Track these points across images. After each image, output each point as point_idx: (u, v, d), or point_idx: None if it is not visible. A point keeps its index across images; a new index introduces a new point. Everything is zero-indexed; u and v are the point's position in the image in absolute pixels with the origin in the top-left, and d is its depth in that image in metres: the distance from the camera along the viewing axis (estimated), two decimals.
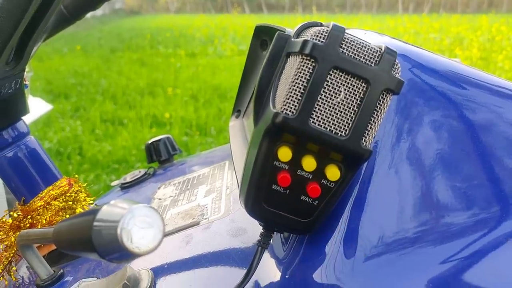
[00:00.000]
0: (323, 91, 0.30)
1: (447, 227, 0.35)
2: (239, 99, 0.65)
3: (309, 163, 0.32)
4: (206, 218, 0.51)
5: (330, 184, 0.33)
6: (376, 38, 0.49)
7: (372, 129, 0.32)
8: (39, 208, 0.53)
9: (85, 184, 0.59)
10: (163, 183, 0.70)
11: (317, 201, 0.34)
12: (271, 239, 0.37)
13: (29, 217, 0.53)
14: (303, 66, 0.30)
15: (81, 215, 0.29)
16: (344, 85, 0.31)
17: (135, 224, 0.25)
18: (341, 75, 0.31)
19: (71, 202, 0.55)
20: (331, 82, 0.31)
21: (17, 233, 0.50)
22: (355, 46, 0.31)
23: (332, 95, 0.31)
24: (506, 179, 0.38)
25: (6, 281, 0.52)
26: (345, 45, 0.31)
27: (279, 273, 0.38)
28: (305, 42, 0.30)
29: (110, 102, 4.07)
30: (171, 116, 3.58)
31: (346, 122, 0.31)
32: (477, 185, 0.37)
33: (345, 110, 0.31)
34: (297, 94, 0.30)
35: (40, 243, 0.50)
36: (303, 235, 0.38)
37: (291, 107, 0.30)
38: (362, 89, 0.31)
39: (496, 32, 8.70)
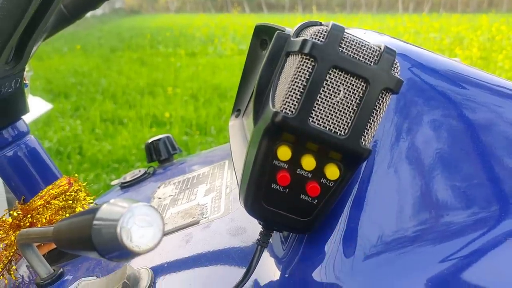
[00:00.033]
0: (323, 90, 0.31)
1: (447, 226, 0.35)
2: (239, 99, 0.65)
3: (309, 162, 0.32)
4: (206, 217, 0.51)
5: (330, 183, 0.33)
6: (376, 38, 0.49)
7: (372, 128, 0.32)
8: (39, 207, 0.53)
9: (85, 183, 0.59)
10: (163, 183, 0.70)
11: (317, 200, 0.34)
12: (271, 238, 0.37)
13: (29, 216, 0.53)
14: (303, 66, 0.30)
15: (81, 214, 0.29)
16: (344, 85, 0.31)
17: (135, 223, 0.25)
18: (341, 75, 0.31)
19: (71, 201, 0.55)
20: (331, 82, 0.31)
21: (17, 232, 0.50)
22: (355, 46, 0.31)
23: (332, 94, 0.31)
24: (506, 179, 0.38)
25: (6, 280, 0.52)
26: (345, 45, 0.31)
27: (279, 272, 0.38)
28: (305, 42, 0.30)
29: (110, 102, 4.07)
30: (171, 116, 3.58)
31: (346, 121, 0.31)
32: (477, 185, 0.37)
33: (345, 109, 0.31)
34: (297, 94, 0.30)
35: (40, 242, 0.50)
36: (303, 234, 0.38)
37: (291, 106, 0.30)
38: (362, 89, 0.31)
39: (496, 32, 8.70)
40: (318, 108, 0.31)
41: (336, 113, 0.31)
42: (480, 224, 0.36)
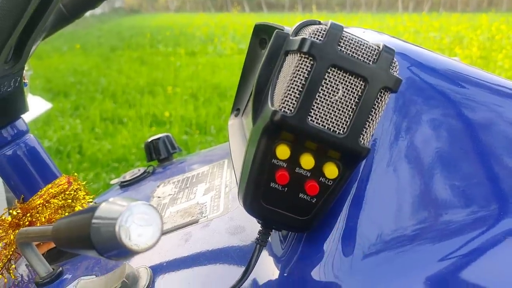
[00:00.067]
0: (321, 89, 0.31)
1: (445, 225, 0.35)
2: (238, 98, 0.65)
3: (307, 161, 0.32)
4: (205, 216, 0.51)
5: (328, 182, 0.33)
6: (375, 37, 0.49)
7: (370, 127, 0.32)
8: (38, 206, 0.53)
9: (84, 182, 0.59)
10: (162, 182, 0.70)
11: (315, 199, 0.34)
12: (270, 237, 0.37)
13: (28, 215, 0.53)
14: (301, 64, 0.30)
15: (80, 213, 0.29)
16: (342, 83, 0.31)
17: (134, 222, 0.25)
18: (339, 73, 0.31)
19: (70, 200, 0.55)
20: (329, 80, 0.31)
21: (17, 231, 0.50)
22: (353, 44, 0.31)
23: (330, 93, 0.31)
24: (505, 178, 0.38)
25: (6, 279, 0.52)
26: (343, 43, 0.31)
27: (278, 271, 0.38)
28: (303, 40, 0.30)
29: (110, 101, 4.06)
30: (171, 115, 3.58)
31: (344, 120, 0.31)
32: (476, 184, 0.37)
33: (343, 108, 0.31)
34: (295, 92, 0.30)
35: (39, 241, 0.50)
36: (302, 233, 0.38)
37: (289, 105, 0.30)
38: (360, 87, 0.31)
39: (496, 31, 8.69)
40: (317, 107, 0.31)
41: (335, 112, 0.31)
42: (479, 223, 0.36)
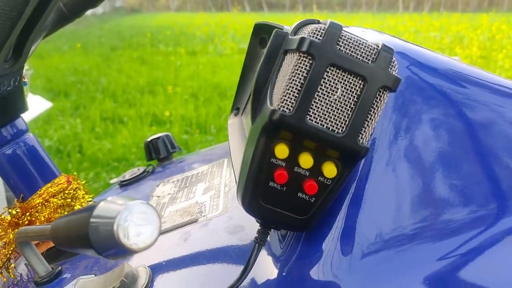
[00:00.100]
0: (320, 88, 0.30)
1: (445, 225, 0.35)
2: (238, 97, 0.65)
3: (306, 160, 0.32)
4: (204, 216, 0.51)
5: (327, 181, 0.33)
6: (375, 36, 0.49)
7: (369, 126, 0.32)
8: (38, 206, 0.53)
9: (84, 182, 0.59)
10: (162, 181, 0.70)
11: (314, 198, 0.34)
12: (269, 236, 0.37)
13: (28, 214, 0.53)
14: (300, 64, 0.30)
15: (78, 212, 0.29)
16: (341, 82, 0.31)
17: (132, 221, 0.25)
18: (338, 72, 0.31)
19: (70, 200, 0.55)
20: (328, 79, 0.31)
21: (16, 230, 0.50)
22: (352, 44, 0.31)
23: (329, 92, 0.31)
24: (504, 177, 0.38)
25: (5, 278, 0.52)
26: (342, 43, 0.31)
27: (276, 270, 0.38)
28: (302, 40, 0.30)
29: (110, 100, 4.06)
30: (171, 114, 3.58)
31: (343, 119, 0.31)
32: (475, 183, 0.37)
33: (342, 107, 0.31)
34: (294, 91, 0.30)
35: (38, 240, 0.50)
36: (300, 232, 0.38)
37: (288, 104, 0.30)
38: (359, 86, 0.31)
39: (497, 31, 8.69)
40: (316, 106, 0.31)
41: (334, 111, 0.31)
42: (478, 223, 0.36)
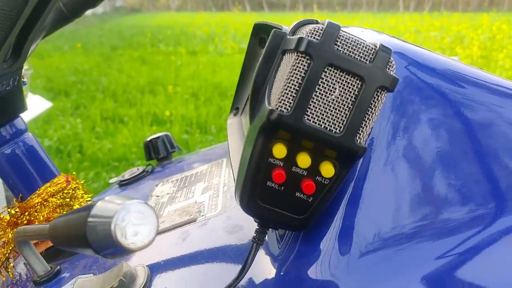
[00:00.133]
0: (318, 88, 0.31)
1: (443, 224, 0.35)
2: (238, 97, 0.65)
3: (304, 160, 0.32)
4: (203, 215, 0.51)
5: (325, 181, 0.33)
6: (374, 36, 0.49)
7: (367, 126, 0.32)
8: (37, 205, 0.53)
9: (83, 181, 0.59)
10: (161, 181, 0.70)
11: (312, 198, 0.34)
12: (267, 236, 0.37)
13: (27, 214, 0.53)
14: (298, 63, 0.30)
15: (76, 211, 0.29)
16: (339, 82, 0.31)
17: (129, 220, 0.25)
18: (336, 72, 0.31)
19: (69, 199, 0.55)
20: (326, 79, 0.31)
21: (15, 230, 0.50)
22: (350, 44, 0.31)
23: (327, 92, 0.31)
24: (502, 177, 0.38)
25: (4, 277, 0.52)
26: (340, 43, 0.31)
27: (274, 270, 0.38)
28: (300, 40, 0.30)
29: (111, 100, 4.07)
30: (172, 114, 3.58)
31: (341, 119, 0.31)
32: (473, 183, 0.37)
33: (340, 107, 0.31)
34: (292, 91, 0.30)
35: (37, 240, 0.50)
36: (298, 232, 0.38)
37: (286, 104, 0.30)
38: (357, 86, 0.31)
39: (497, 31, 8.68)
40: (314, 106, 0.31)
41: (332, 111, 0.31)
42: (476, 222, 0.36)
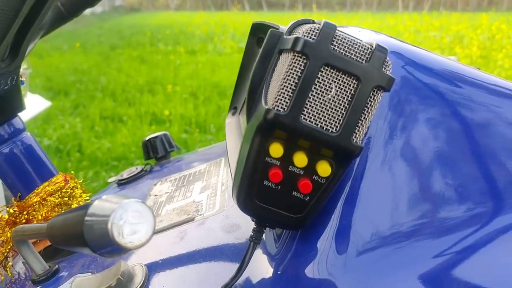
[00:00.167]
0: (314, 88, 0.31)
1: (440, 223, 0.36)
2: (236, 96, 0.65)
3: (301, 159, 0.32)
4: (201, 214, 0.52)
5: (321, 180, 0.33)
6: (371, 36, 0.49)
7: (363, 126, 0.32)
8: (35, 204, 0.53)
9: (81, 180, 0.59)
10: (160, 180, 0.70)
11: (309, 197, 0.34)
12: (264, 235, 0.37)
13: (25, 213, 0.53)
14: (295, 63, 0.31)
15: (74, 210, 0.29)
16: (335, 82, 0.31)
17: (126, 219, 0.25)
18: (332, 72, 0.31)
19: (67, 198, 0.55)
20: (322, 79, 0.31)
21: (13, 229, 0.50)
22: (346, 43, 0.31)
23: (323, 92, 0.31)
24: (499, 176, 0.38)
25: (2, 276, 0.52)
26: (336, 42, 0.31)
27: (272, 269, 0.38)
28: (297, 39, 0.31)
29: (110, 99, 4.06)
30: (171, 113, 3.58)
31: (337, 119, 0.31)
32: (470, 182, 0.38)
33: (336, 107, 0.31)
34: (289, 91, 0.30)
35: (35, 238, 0.50)
36: (295, 231, 0.38)
37: (283, 104, 0.31)
38: (353, 86, 0.31)
39: (496, 31, 8.69)
40: (310, 106, 0.31)
41: (328, 111, 0.31)
42: (473, 221, 0.36)
